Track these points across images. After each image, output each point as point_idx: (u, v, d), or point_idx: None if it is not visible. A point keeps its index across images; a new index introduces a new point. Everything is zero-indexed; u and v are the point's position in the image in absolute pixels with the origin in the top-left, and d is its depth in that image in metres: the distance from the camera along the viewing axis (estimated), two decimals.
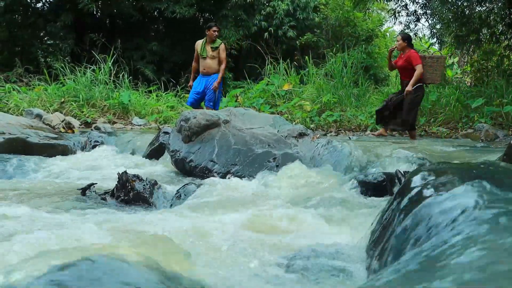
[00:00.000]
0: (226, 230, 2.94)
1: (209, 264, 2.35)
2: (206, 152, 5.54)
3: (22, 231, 2.88)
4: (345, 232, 3.01)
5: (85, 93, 12.24)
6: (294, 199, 3.85)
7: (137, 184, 4.32)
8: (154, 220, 3.25)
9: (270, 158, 5.23)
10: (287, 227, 3.09)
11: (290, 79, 13.29)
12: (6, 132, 6.83)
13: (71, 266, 1.63)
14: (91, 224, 3.16)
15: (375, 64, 16.31)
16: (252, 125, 5.89)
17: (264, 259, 2.47)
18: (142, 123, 11.32)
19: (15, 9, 17.40)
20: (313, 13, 17.87)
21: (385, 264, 1.89)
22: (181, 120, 5.97)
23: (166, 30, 17.90)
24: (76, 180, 5.43)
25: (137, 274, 1.71)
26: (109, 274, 1.61)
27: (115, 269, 1.65)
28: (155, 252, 2.17)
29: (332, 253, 2.49)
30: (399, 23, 50.85)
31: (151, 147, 6.66)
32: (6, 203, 3.89)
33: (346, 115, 10.86)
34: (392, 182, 4.22)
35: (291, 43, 17.39)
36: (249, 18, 17.19)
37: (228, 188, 4.30)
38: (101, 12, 17.36)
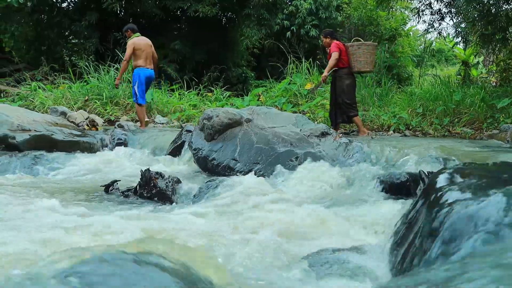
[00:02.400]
0: (248, 228, 2.94)
1: (230, 262, 2.36)
2: (228, 150, 5.56)
3: (45, 226, 2.91)
4: (368, 232, 2.99)
5: (108, 91, 12.36)
6: (317, 198, 3.84)
7: (160, 181, 4.36)
8: (175, 218, 3.27)
9: (292, 157, 5.22)
10: (309, 226, 3.08)
11: (312, 78, 13.23)
12: (32, 129, 6.94)
13: (93, 262, 1.65)
14: (114, 220, 3.20)
15: (398, 63, 16.16)
16: (275, 124, 5.88)
17: (286, 257, 2.47)
18: (164, 121, 11.39)
19: (42, 9, 17.63)
20: (336, 12, 17.80)
21: (409, 265, 1.87)
22: (204, 118, 5.99)
23: (189, 29, 17.96)
24: (100, 177, 5.50)
25: (158, 272, 1.72)
26: (130, 271, 1.62)
27: (136, 265, 1.66)
28: (176, 249, 2.19)
29: (354, 253, 2.48)
30: (422, 22, 50.13)
31: (173, 145, 6.70)
32: (32, 199, 3.95)
33: (368, 115, 10.77)
34: (415, 183, 4.18)
35: (313, 42, 17.34)
36: (271, 17, 17.18)
37: (250, 187, 4.29)
38: (125, 11, 17.49)
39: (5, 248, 2.50)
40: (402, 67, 16.43)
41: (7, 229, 2.86)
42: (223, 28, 18.06)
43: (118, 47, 14.72)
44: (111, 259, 1.67)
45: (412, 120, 10.01)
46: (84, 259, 1.66)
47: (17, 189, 4.39)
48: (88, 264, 1.62)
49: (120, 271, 1.59)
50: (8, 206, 3.55)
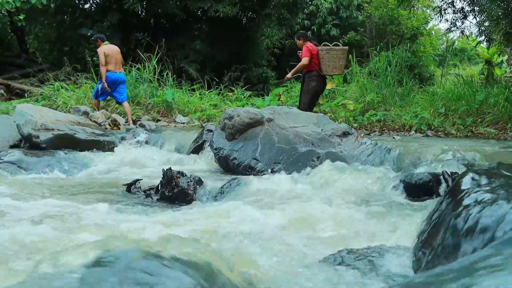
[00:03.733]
0: (270, 228, 2.94)
1: (253, 261, 2.36)
2: (249, 150, 5.56)
3: (67, 224, 2.94)
4: (390, 231, 2.97)
5: (130, 91, 12.44)
6: (339, 198, 3.82)
7: (182, 180, 4.37)
8: (197, 217, 3.28)
9: (313, 157, 5.20)
10: (331, 225, 3.07)
11: (333, 78, 13.18)
12: (56, 128, 7.02)
13: (114, 260, 1.66)
14: (136, 219, 3.22)
15: (420, 63, 16.01)
16: (296, 124, 5.87)
17: (309, 256, 2.46)
18: (185, 121, 11.43)
19: (65, 10, 17.85)
20: (357, 12, 17.71)
21: (435, 266, 1.85)
22: (225, 118, 6.00)
23: (209, 29, 18.01)
24: (121, 176, 5.54)
25: (179, 271, 1.72)
26: (150, 269, 1.63)
27: (157, 264, 1.67)
28: (197, 249, 2.19)
29: (378, 252, 2.46)
30: (445, 20, 49.68)
31: (194, 145, 6.72)
32: (56, 197, 4.00)
33: (390, 115, 10.69)
34: (438, 183, 4.14)
35: (334, 42, 17.25)
36: (292, 17, 17.14)
37: (271, 186, 4.30)
38: (146, 12, 17.61)
39: (28, 244, 2.53)
40: (424, 67, 16.27)
41: (28, 227, 2.89)
42: (244, 28, 18.07)
43: (139, 48, 14.82)
44: (132, 258, 1.68)
45: (434, 120, 9.91)
46: (105, 257, 1.67)
47: (40, 188, 4.45)
48: (109, 262, 1.63)
49: (140, 269, 1.60)
50: (30, 204, 3.60)
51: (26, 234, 2.74)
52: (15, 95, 15.15)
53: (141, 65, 13.35)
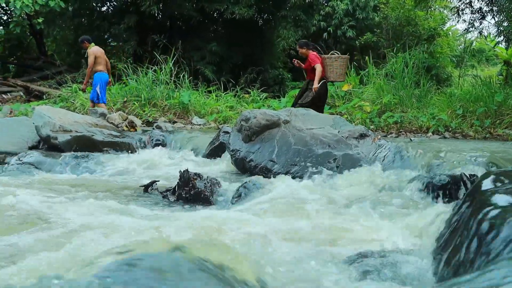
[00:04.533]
0: (287, 229, 2.94)
1: (270, 263, 2.35)
2: (266, 151, 5.55)
3: (84, 225, 2.96)
4: (409, 234, 2.94)
5: (147, 93, 12.53)
6: (355, 201, 3.80)
7: (198, 182, 4.38)
8: (214, 219, 3.28)
9: (330, 159, 5.18)
10: (348, 228, 3.05)
11: (349, 80, 13.14)
12: (73, 130, 7.08)
13: (132, 262, 1.67)
14: (153, 221, 3.24)
15: (437, 64, 15.90)
16: (312, 126, 5.86)
17: (327, 259, 2.45)
18: (201, 122, 11.48)
19: (82, 13, 18.03)
20: (373, 13, 17.63)
21: (455, 270, 1.83)
22: (241, 119, 6.00)
23: (226, 31, 18.06)
24: (138, 178, 5.57)
25: (197, 273, 1.73)
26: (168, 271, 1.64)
27: (174, 266, 1.67)
28: (215, 250, 2.19)
29: (396, 255, 2.45)
30: (462, 21, 49.14)
31: (211, 146, 6.74)
32: (74, 199, 4.03)
33: (407, 116, 10.63)
34: (457, 185, 4.09)
35: (350, 43, 17.22)
36: (308, 18, 17.13)
37: (288, 188, 4.28)
38: (163, 14, 17.71)
39: (45, 245, 2.56)
40: (441, 68, 16.16)
41: (47, 228, 2.92)
42: (260, 30, 18.09)
43: (156, 49, 14.90)
44: (149, 259, 1.68)
45: (452, 122, 9.84)
46: (122, 260, 1.68)
47: (58, 189, 4.49)
48: (127, 264, 1.64)
49: (158, 271, 1.61)
50: (48, 205, 3.63)
51: (42, 235, 2.77)
52: (34, 97, 15.35)
53: (158, 67, 13.43)
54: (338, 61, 8.94)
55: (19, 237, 2.73)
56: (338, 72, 8.95)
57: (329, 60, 8.94)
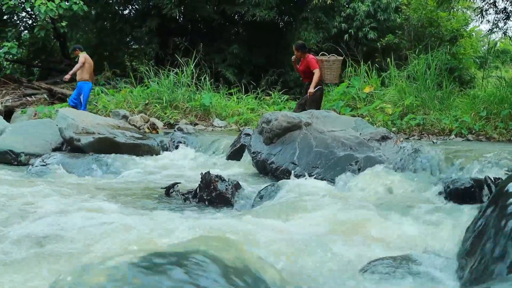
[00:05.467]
0: (308, 232, 2.93)
1: (290, 266, 2.35)
2: (287, 154, 5.54)
3: (107, 227, 2.99)
4: (432, 238, 2.91)
5: (168, 95, 12.61)
6: (378, 203, 3.78)
7: (220, 184, 4.39)
8: (236, 221, 3.28)
9: (352, 161, 5.15)
10: (370, 231, 3.03)
11: (371, 82, 13.04)
12: (96, 132, 7.15)
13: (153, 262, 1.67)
14: (175, 222, 3.25)
15: (460, 65, 15.68)
16: (334, 128, 5.83)
17: (347, 262, 2.44)
18: (222, 124, 11.51)
19: (105, 16, 18.22)
20: (395, 14, 17.47)
21: (481, 275, 1.80)
22: (263, 122, 6.00)
23: (247, 33, 18.10)
24: (160, 179, 5.60)
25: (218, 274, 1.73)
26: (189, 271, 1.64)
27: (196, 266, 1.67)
28: (237, 252, 2.19)
29: (419, 259, 2.42)
30: (486, 21, 48.48)
31: (232, 148, 6.75)
32: (97, 200, 4.06)
33: (429, 119, 10.51)
34: (480, 189, 4.04)
35: (372, 45, 17.09)
36: (329, 20, 17.06)
37: (309, 191, 4.27)
38: (184, 17, 17.81)
39: (69, 245, 2.58)
40: (464, 69, 15.94)
41: (70, 229, 2.95)
42: (281, 32, 18.08)
43: (177, 52, 14.99)
44: (170, 260, 1.69)
45: (475, 124, 9.70)
46: (144, 259, 1.69)
47: (81, 190, 4.53)
48: (148, 264, 1.65)
49: (179, 271, 1.61)
50: (71, 206, 3.66)
51: (67, 235, 2.80)
52: (57, 99, 15.54)
53: (179, 69, 13.50)
54: (336, 63, 9.16)
55: (39, 237, 2.77)
56: (335, 74, 9.20)
57: (328, 63, 9.12)
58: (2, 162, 6.82)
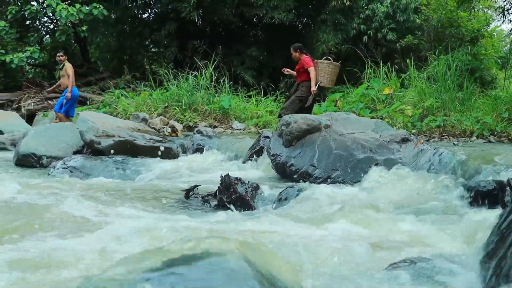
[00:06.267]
0: (329, 235, 2.92)
1: (313, 268, 2.34)
2: (306, 156, 5.53)
3: (129, 229, 3.00)
4: (455, 241, 2.88)
5: (187, 98, 12.67)
6: (398, 206, 3.75)
7: (239, 187, 4.39)
8: (256, 223, 3.29)
9: (372, 164, 5.12)
10: (391, 233, 3.01)
11: (390, 83, 12.96)
12: (116, 134, 7.20)
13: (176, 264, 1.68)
14: (195, 224, 3.26)
15: (481, 66, 15.49)
16: (353, 130, 5.80)
17: (370, 264, 2.42)
18: (242, 127, 11.53)
19: (124, 20, 18.38)
20: (414, 15, 17.36)
21: (505, 279, 1.78)
22: (282, 124, 6.00)
23: (265, 35, 18.12)
24: (180, 182, 5.62)
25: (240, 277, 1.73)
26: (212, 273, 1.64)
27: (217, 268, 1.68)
28: (257, 254, 2.19)
29: (442, 262, 2.40)
30: (508, 21, 47.77)
31: (251, 151, 6.75)
32: (117, 202, 4.10)
33: (450, 120, 10.41)
34: (503, 191, 3.98)
35: (391, 46, 16.99)
36: (347, 22, 17.00)
37: (329, 193, 4.25)
38: (203, 20, 17.88)
39: (87, 247, 2.61)
40: (486, 70, 15.75)
41: (89, 230, 2.97)
42: (299, 34, 18.05)
43: (196, 55, 15.06)
44: (191, 263, 1.70)
45: (497, 125, 9.59)
46: (165, 262, 1.70)
47: (99, 192, 4.57)
48: (171, 266, 1.65)
49: (202, 272, 1.62)
50: (90, 208, 3.70)
51: (84, 237, 2.83)
52: (78, 102, 15.69)
53: (198, 72, 13.56)
54: (331, 67, 9.16)
55: (61, 239, 2.80)
56: (329, 78, 9.16)
57: (322, 65, 9.16)
58: (24, 165, 6.92)
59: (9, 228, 3.04)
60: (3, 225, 3.07)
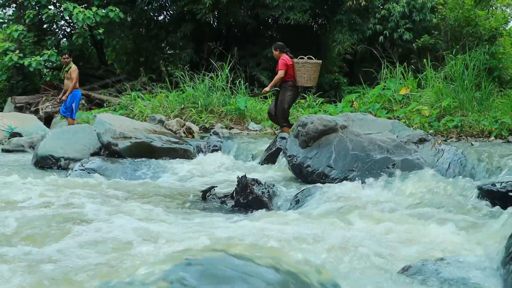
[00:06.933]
0: (346, 235, 2.90)
1: (330, 269, 2.33)
2: (323, 157, 5.51)
3: (147, 230, 3.02)
4: (472, 243, 2.86)
5: (203, 99, 12.71)
6: (416, 207, 3.72)
7: (256, 188, 4.39)
8: (273, 224, 3.28)
9: (389, 164, 5.09)
10: (409, 235, 2.99)
11: (407, 83, 12.87)
12: (133, 136, 7.25)
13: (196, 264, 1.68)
14: (211, 226, 3.27)
15: (500, 65, 15.31)
16: (370, 131, 5.77)
17: (387, 266, 2.41)
18: (258, 128, 11.53)
19: (140, 22, 18.51)
20: (430, 14, 17.24)
21: None
22: (298, 125, 5.98)
23: (281, 36, 18.10)
24: (196, 183, 5.64)
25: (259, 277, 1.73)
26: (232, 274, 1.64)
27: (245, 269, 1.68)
28: (275, 256, 2.19)
29: (460, 264, 2.38)
30: None
31: (268, 152, 6.75)
32: (135, 204, 4.12)
33: (467, 120, 10.31)
34: None
35: (407, 46, 16.90)
36: (363, 22, 16.95)
37: (346, 194, 4.24)
38: (218, 21, 17.95)
39: (107, 248, 2.63)
40: (504, 69, 15.56)
41: (107, 231, 2.99)
42: (315, 35, 18.04)
43: (212, 57, 15.11)
44: (209, 264, 1.70)
45: None
46: (186, 262, 1.70)
47: (118, 194, 4.61)
48: (191, 267, 1.66)
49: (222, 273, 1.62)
50: (108, 209, 3.72)
51: (101, 238, 2.85)
52: (95, 105, 15.87)
53: (214, 73, 13.59)
54: (306, 66, 9.17)
55: (81, 240, 2.82)
56: (306, 77, 9.18)
57: (297, 65, 9.19)
58: (43, 166, 6.99)
59: (29, 229, 3.07)
60: (24, 226, 3.11)
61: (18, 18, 17.39)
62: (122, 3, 17.11)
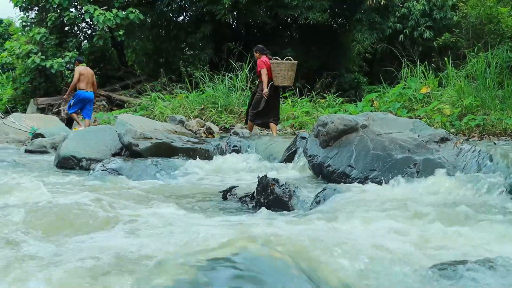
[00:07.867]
0: (369, 236, 2.88)
1: (353, 270, 2.32)
2: (343, 157, 5.49)
3: (167, 230, 3.04)
4: (499, 245, 2.81)
5: (223, 99, 12.76)
6: (440, 207, 3.68)
7: (277, 188, 4.39)
8: (296, 224, 3.28)
9: (410, 164, 5.04)
10: (433, 235, 2.96)
11: (428, 82, 12.77)
12: (154, 137, 7.30)
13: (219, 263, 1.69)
14: (233, 226, 3.27)
15: None
16: (391, 130, 5.73)
17: (411, 268, 2.38)
18: (278, 128, 11.52)
19: (160, 24, 18.65)
20: (451, 12, 17.09)
21: None
22: (319, 125, 5.97)
23: (300, 36, 18.11)
24: (217, 183, 5.66)
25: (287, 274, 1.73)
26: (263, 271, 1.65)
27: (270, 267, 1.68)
28: (298, 255, 2.19)
29: (486, 266, 2.34)
30: None
31: (288, 152, 6.75)
32: (156, 204, 4.14)
33: (490, 119, 10.20)
34: None
35: (428, 45, 16.77)
36: (383, 21, 16.86)
37: (368, 194, 4.21)
38: (237, 22, 18.00)
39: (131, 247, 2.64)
40: None
41: (129, 232, 3.01)
42: (334, 34, 17.98)
43: (231, 57, 15.14)
44: (232, 263, 1.71)
45: None
46: (209, 262, 1.71)
47: (139, 194, 4.61)
48: (214, 266, 1.67)
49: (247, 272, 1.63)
50: (130, 209, 3.74)
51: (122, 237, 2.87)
52: (115, 106, 16.02)
53: (234, 74, 13.63)
54: (280, 66, 9.55)
55: (105, 240, 2.84)
56: (281, 77, 9.51)
57: (272, 65, 9.57)
58: (65, 167, 7.08)
59: (52, 228, 3.10)
60: (47, 225, 3.14)
61: (41, 21, 17.64)
62: (142, 4, 17.26)
